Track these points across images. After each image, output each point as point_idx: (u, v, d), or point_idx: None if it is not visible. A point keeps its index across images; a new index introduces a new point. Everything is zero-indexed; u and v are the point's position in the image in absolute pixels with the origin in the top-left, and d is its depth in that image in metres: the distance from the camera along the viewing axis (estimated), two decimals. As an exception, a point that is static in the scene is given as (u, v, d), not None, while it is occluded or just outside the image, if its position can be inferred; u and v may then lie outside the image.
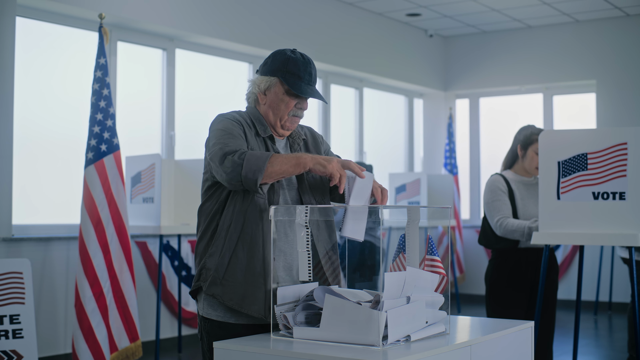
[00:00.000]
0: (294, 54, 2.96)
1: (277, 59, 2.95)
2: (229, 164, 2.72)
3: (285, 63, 2.92)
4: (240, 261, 2.79)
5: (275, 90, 2.92)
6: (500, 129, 10.74)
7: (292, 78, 2.90)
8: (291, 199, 2.91)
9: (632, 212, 3.90)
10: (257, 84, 2.97)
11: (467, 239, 10.53)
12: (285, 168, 2.73)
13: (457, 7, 9.33)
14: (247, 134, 2.89)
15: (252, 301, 2.76)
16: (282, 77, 2.91)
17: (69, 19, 6.60)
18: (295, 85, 2.89)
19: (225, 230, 2.82)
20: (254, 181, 2.69)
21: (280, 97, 2.91)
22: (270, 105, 2.93)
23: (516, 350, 2.83)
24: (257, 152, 2.75)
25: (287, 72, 2.91)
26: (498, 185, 4.44)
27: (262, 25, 8.04)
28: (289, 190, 2.91)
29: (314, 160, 2.74)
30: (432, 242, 2.67)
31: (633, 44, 9.57)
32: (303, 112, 2.96)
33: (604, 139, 3.99)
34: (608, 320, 8.89)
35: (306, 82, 2.93)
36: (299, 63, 2.93)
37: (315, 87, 2.97)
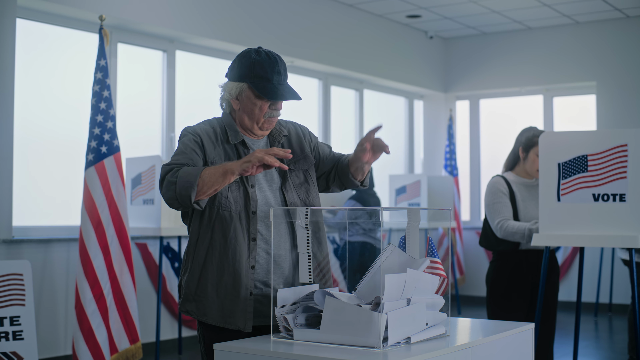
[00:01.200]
0: (259, 56, 2.91)
1: (243, 64, 2.91)
2: (165, 184, 2.75)
3: (251, 67, 2.88)
4: (211, 275, 2.82)
5: (247, 95, 2.90)
6: (501, 131, 10.74)
7: (260, 82, 2.87)
8: (274, 199, 2.91)
9: (632, 214, 3.90)
10: (227, 90, 2.94)
11: (468, 241, 10.53)
12: (214, 179, 2.70)
13: (458, 9, 9.34)
14: (209, 145, 2.88)
15: (229, 314, 2.80)
16: (250, 82, 2.88)
17: (69, 21, 6.60)
18: (265, 90, 2.86)
19: (193, 246, 2.87)
20: (188, 197, 2.69)
21: (252, 102, 2.89)
22: (244, 110, 2.92)
23: (516, 352, 2.83)
24: (190, 169, 2.74)
25: (254, 77, 2.88)
26: (499, 187, 4.44)
27: (262, 26, 8.05)
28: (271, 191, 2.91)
29: (239, 163, 2.70)
30: (432, 244, 2.67)
31: (633, 46, 9.57)
32: (279, 111, 2.95)
33: (604, 140, 3.99)
34: (608, 322, 8.89)
35: (276, 83, 2.90)
36: (265, 65, 2.89)
37: (286, 84, 2.95)
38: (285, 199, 2.91)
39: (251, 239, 2.84)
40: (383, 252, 2.59)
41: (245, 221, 2.83)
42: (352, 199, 7.35)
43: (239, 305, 2.80)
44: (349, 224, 6.40)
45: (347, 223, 4.33)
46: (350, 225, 6.67)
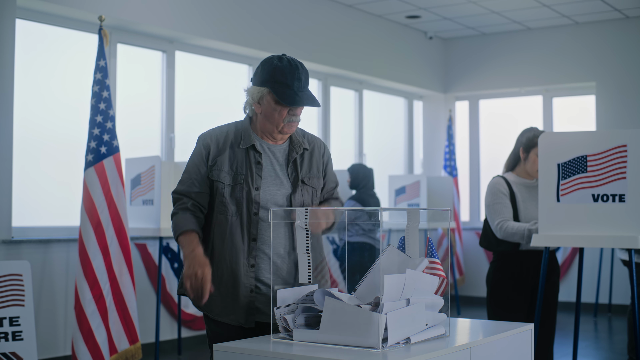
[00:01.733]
0: (281, 62, 3.00)
1: (265, 69, 3.01)
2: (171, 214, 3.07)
3: (273, 73, 2.98)
4: (212, 275, 2.97)
5: (267, 100, 3.00)
6: (500, 131, 10.75)
7: (280, 88, 2.96)
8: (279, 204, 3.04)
9: (631, 215, 3.90)
10: (251, 94, 3.06)
11: (467, 241, 10.53)
12: (182, 248, 2.98)
13: (457, 10, 9.34)
14: (215, 151, 3.05)
15: (230, 311, 2.99)
16: (271, 87, 2.97)
17: (68, 21, 6.60)
18: (284, 96, 2.95)
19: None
20: (175, 239, 3.02)
21: (272, 107, 2.99)
22: (265, 115, 3.02)
23: (516, 353, 2.83)
24: (180, 220, 3.00)
25: (275, 82, 2.97)
26: (499, 187, 4.43)
27: (261, 27, 8.05)
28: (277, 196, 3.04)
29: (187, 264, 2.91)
30: (431, 245, 2.67)
31: (632, 46, 9.57)
32: (298, 117, 3.03)
33: (603, 141, 3.99)
34: (608, 323, 8.89)
35: (295, 90, 2.98)
36: (286, 71, 2.97)
37: (307, 91, 3.03)
38: (291, 206, 3.03)
39: (251, 239, 2.98)
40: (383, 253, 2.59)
41: (247, 222, 2.98)
42: (351, 200, 7.35)
43: (240, 302, 2.97)
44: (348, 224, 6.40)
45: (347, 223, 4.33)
46: (350, 225, 6.67)
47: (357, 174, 7.47)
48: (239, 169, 3.02)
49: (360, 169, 7.51)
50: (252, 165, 3.03)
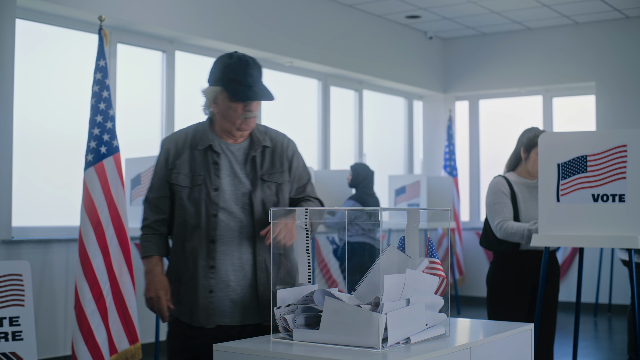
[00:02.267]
0: (231, 59, 3.05)
1: (217, 68, 3.07)
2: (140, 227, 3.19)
3: (224, 71, 3.03)
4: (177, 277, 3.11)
5: (222, 98, 3.05)
6: (500, 131, 10.75)
7: (232, 85, 3.00)
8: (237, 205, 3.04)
9: (631, 215, 3.90)
10: (207, 95, 3.12)
11: (467, 241, 10.53)
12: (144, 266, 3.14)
13: (457, 10, 9.34)
14: (175, 155, 3.10)
15: (190, 312, 3.05)
16: (224, 86, 3.02)
17: (68, 21, 6.60)
18: (236, 92, 3.00)
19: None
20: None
21: (227, 105, 3.04)
22: (222, 114, 3.07)
23: (516, 353, 2.83)
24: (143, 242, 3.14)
25: (227, 80, 3.01)
26: (500, 187, 4.43)
27: (261, 27, 8.05)
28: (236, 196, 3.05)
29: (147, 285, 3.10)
30: (431, 245, 2.67)
31: (632, 46, 9.57)
32: (254, 112, 3.06)
33: (603, 141, 3.99)
34: (608, 323, 8.89)
35: (248, 85, 3.01)
36: (236, 68, 3.02)
37: (260, 85, 3.05)
38: (253, 208, 3.03)
39: (210, 241, 3.02)
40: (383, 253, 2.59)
41: (206, 224, 3.02)
42: (351, 199, 7.35)
43: (199, 304, 3.02)
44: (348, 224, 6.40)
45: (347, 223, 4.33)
46: (350, 225, 6.67)
47: (359, 174, 7.47)
48: (197, 170, 3.05)
49: (363, 169, 7.51)
50: (210, 166, 3.05)
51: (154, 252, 3.12)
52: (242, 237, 3.02)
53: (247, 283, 3.02)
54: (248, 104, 3.02)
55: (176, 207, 3.08)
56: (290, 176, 3.17)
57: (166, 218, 3.14)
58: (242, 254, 3.03)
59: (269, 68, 8.54)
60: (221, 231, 3.01)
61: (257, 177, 3.06)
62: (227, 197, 3.02)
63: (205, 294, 3.01)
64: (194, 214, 3.03)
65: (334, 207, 2.81)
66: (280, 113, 8.79)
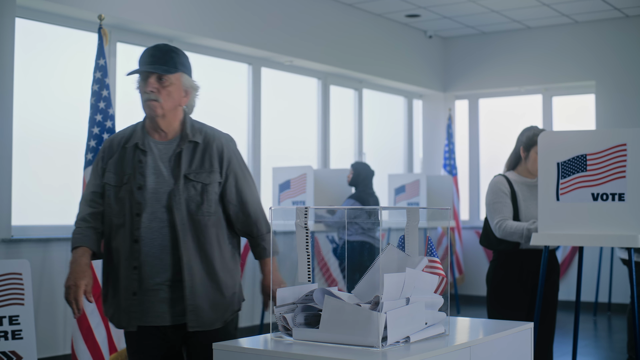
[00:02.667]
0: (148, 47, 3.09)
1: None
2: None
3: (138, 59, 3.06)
4: (105, 279, 3.07)
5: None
6: (500, 130, 10.75)
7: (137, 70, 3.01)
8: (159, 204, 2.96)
9: (631, 213, 3.90)
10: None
11: (467, 240, 10.53)
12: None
13: (457, 8, 9.33)
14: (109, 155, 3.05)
15: (114, 313, 3.02)
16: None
17: (68, 20, 6.59)
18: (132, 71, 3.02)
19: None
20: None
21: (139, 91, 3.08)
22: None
23: (516, 352, 2.83)
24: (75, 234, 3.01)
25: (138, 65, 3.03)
26: (500, 186, 4.43)
27: (261, 26, 8.04)
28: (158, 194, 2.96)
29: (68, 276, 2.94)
30: (431, 243, 2.67)
31: (632, 45, 9.57)
32: (150, 94, 3.02)
33: (603, 140, 3.99)
34: (607, 321, 8.89)
35: (143, 63, 3.03)
36: (144, 52, 3.05)
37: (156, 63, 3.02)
38: (172, 206, 2.94)
39: (133, 240, 2.94)
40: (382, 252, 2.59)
41: (129, 223, 2.94)
42: (350, 198, 7.35)
43: (122, 305, 2.96)
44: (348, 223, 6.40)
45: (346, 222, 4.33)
46: (350, 224, 6.67)
47: (359, 173, 7.47)
48: (125, 169, 2.99)
49: (363, 169, 7.51)
50: (135, 164, 2.98)
51: (83, 243, 2.99)
52: (165, 238, 2.93)
53: (171, 285, 2.94)
54: (144, 85, 3.01)
55: (105, 205, 3.01)
56: (222, 177, 3.03)
57: (100, 212, 3.04)
58: (165, 255, 2.93)
59: (268, 67, 8.54)
60: (144, 231, 2.92)
61: (179, 175, 2.96)
62: (150, 196, 2.94)
63: (128, 296, 2.94)
64: (119, 213, 2.96)
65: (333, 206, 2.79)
66: (280, 112, 8.79)
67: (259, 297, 8.00)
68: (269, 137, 8.56)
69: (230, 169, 3.05)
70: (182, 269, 2.92)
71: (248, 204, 3.07)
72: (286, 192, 7.68)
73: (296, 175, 7.60)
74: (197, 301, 2.94)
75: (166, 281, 2.93)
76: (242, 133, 8.33)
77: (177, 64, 3.08)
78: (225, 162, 3.04)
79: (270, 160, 8.51)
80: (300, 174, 7.55)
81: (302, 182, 7.52)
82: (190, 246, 2.93)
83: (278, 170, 7.81)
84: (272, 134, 8.63)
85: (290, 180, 7.65)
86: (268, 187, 8.30)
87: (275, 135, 8.68)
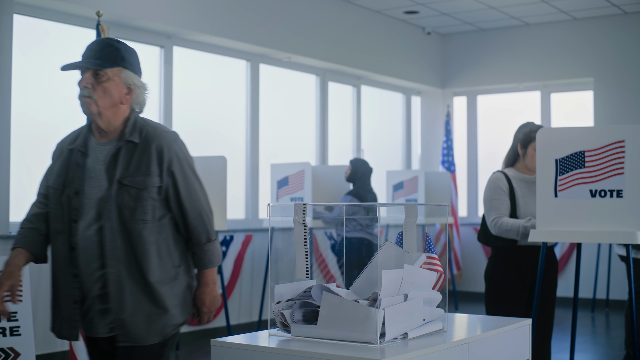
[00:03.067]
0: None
1: None
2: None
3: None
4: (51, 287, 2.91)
5: None
6: (498, 127, 10.75)
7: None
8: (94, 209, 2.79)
9: (629, 210, 3.90)
10: None
11: (465, 237, 10.54)
12: None
13: (455, 5, 9.33)
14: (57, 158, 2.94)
15: (55, 323, 2.88)
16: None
17: (66, 17, 6.59)
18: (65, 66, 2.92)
19: None
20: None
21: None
22: None
23: (514, 348, 2.83)
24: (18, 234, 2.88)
25: None
26: (498, 183, 4.42)
27: (259, 22, 8.03)
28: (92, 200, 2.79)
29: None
30: (429, 240, 2.67)
31: (631, 42, 9.57)
32: (86, 89, 2.89)
33: (601, 136, 3.99)
34: (605, 318, 8.90)
35: (82, 57, 2.93)
36: (86, 46, 2.93)
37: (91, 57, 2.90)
38: (102, 213, 2.76)
39: (71, 247, 2.79)
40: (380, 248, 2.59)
41: (67, 229, 2.79)
42: (348, 195, 7.34)
43: (62, 314, 2.82)
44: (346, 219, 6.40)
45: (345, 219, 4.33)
46: (348, 221, 6.67)
47: (357, 169, 7.47)
48: (68, 172, 2.83)
49: (362, 165, 7.50)
50: (74, 168, 2.82)
51: (19, 244, 2.85)
52: (96, 247, 2.75)
53: (101, 295, 2.77)
54: (80, 81, 2.89)
55: (50, 209, 2.85)
56: (162, 181, 2.80)
57: (45, 213, 2.89)
58: (97, 264, 2.76)
59: (267, 63, 8.54)
60: (80, 238, 2.76)
61: (113, 180, 2.76)
62: (86, 201, 2.76)
63: (69, 304, 2.80)
64: (59, 218, 2.80)
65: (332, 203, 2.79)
66: (278, 109, 8.79)
67: (258, 294, 8.00)
68: (267, 134, 8.56)
69: (170, 172, 2.81)
70: (107, 280, 2.75)
71: (187, 210, 2.85)
72: (284, 189, 7.68)
73: (294, 172, 7.60)
74: (125, 315, 2.76)
75: (99, 291, 2.77)
76: (241, 130, 8.32)
77: (115, 59, 2.86)
78: (165, 164, 2.80)
79: (269, 156, 8.51)
80: (299, 170, 7.56)
81: (301, 179, 7.52)
82: (120, 256, 2.75)
83: (276, 167, 7.82)
84: (271, 130, 8.63)
85: (288, 177, 7.65)
86: (266, 183, 8.30)
87: (274, 132, 8.68)
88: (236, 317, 7.79)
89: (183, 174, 2.84)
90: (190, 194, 2.85)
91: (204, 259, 2.89)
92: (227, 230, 7.53)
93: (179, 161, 2.83)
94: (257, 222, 8.31)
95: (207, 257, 2.89)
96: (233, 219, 7.98)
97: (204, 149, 7.56)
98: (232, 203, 7.81)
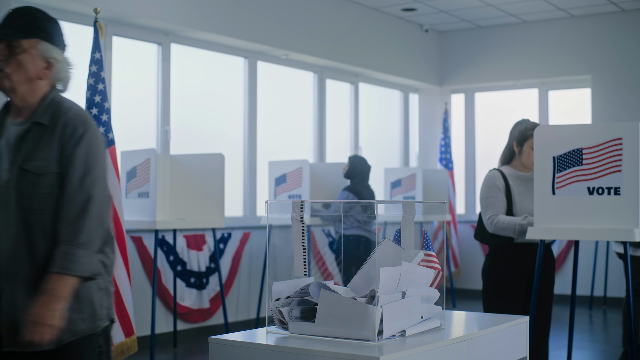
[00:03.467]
0: None
1: None
2: None
3: None
4: None
5: None
6: (496, 124, 10.75)
7: None
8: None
9: (627, 207, 3.90)
10: None
11: (463, 234, 10.54)
12: None
13: (453, 2, 9.33)
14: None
15: None
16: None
17: (63, 14, 6.58)
18: None
19: None
20: None
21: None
22: None
23: (511, 345, 2.84)
24: None
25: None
26: (494, 181, 4.43)
27: (257, 20, 8.03)
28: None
29: None
30: (427, 237, 2.67)
31: (628, 39, 9.57)
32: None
33: (599, 134, 4.00)
34: (603, 315, 8.91)
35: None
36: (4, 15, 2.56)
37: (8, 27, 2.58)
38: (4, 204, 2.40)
39: None
40: (378, 245, 2.59)
41: None
42: (345, 190, 7.34)
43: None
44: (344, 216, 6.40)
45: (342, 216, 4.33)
46: (345, 218, 6.67)
47: (355, 166, 7.47)
48: None
49: (360, 162, 7.50)
50: None
51: None
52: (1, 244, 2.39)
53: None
54: None
55: None
56: (58, 167, 2.42)
57: None
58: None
59: (264, 61, 8.53)
60: None
61: (14, 164, 2.41)
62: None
63: None
64: None
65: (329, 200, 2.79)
66: (276, 106, 8.78)
67: (255, 291, 8.00)
68: (265, 131, 8.56)
69: (65, 157, 2.43)
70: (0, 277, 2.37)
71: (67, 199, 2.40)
72: (282, 186, 7.68)
73: (292, 169, 7.60)
74: (18, 317, 2.35)
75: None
76: (238, 127, 8.32)
77: (32, 29, 2.57)
78: (66, 147, 2.43)
79: (266, 154, 8.50)
80: (296, 167, 7.56)
81: (298, 176, 7.52)
82: (19, 251, 2.37)
83: (274, 164, 7.82)
84: (268, 128, 8.63)
85: (286, 174, 7.65)
86: (264, 181, 8.30)
87: (271, 129, 8.68)
88: (234, 315, 7.79)
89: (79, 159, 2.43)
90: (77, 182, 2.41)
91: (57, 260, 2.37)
92: (225, 227, 7.53)
93: (79, 146, 2.46)
94: (255, 219, 8.31)
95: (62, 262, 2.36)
96: (231, 217, 7.98)
97: (201, 146, 7.56)
98: (230, 200, 7.81)
